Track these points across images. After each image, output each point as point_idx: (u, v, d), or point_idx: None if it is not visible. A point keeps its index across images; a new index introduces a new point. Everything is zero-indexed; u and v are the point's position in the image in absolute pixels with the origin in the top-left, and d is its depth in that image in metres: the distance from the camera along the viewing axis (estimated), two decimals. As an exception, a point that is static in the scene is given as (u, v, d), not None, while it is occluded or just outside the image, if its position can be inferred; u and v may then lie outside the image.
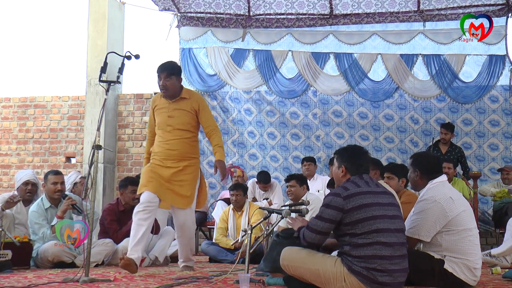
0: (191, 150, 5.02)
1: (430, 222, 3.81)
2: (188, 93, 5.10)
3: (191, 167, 4.98)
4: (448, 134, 8.17)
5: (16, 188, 6.21)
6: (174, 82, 4.97)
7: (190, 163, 4.97)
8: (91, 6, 9.22)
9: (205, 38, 9.33)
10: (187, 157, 4.96)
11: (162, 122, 5.01)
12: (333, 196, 3.46)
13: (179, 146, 4.94)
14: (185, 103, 5.01)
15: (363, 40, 9.05)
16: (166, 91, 4.96)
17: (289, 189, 6.23)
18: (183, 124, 4.98)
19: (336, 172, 3.67)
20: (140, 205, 4.78)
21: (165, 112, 5.00)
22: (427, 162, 4.07)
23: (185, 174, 4.93)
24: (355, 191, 3.43)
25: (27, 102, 10.06)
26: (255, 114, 9.30)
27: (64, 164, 9.77)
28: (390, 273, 3.34)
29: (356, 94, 9.13)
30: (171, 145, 4.93)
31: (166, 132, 4.97)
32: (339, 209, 3.40)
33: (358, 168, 3.58)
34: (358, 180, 3.51)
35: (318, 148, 9.16)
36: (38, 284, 3.94)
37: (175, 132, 4.95)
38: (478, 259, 3.91)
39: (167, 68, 4.96)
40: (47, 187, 5.79)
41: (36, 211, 5.67)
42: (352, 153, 3.65)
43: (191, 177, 4.97)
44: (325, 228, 3.47)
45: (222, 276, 4.41)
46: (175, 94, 5.00)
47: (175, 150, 4.93)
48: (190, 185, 4.95)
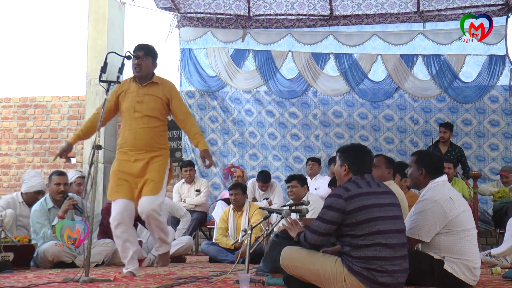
0: (160, 140, 4.66)
1: (430, 222, 3.80)
2: (159, 79, 4.75)
3: (160, 157, 4.61)
4: (447, 132, 8.17)
5: (25, 191, 6.18)
6: (149, 64, 4.66)
7: (158, 153, 4.62)
8: (91, 6, 9.22)
9: (205, 38, 9.34)
10: (155, 147, 4.61)
11: (129, 108, 4.65)
12: (335, 197, 3.45)
13: (147, 135, 4.59)
14: (157, 88, 4.68)
15: (363, 42, 9.06)
16: (139, 71, 4.62)
17: (291, 190, 6.23)
18: (152, 110, 4.62)
19: (339, 170, 3.65)
20: (114, 219, 4.50)
21: (134, 97, 4.65)
22: (432, 161, 4.05)
23: (153, 163, 4.56)
24: (356, 192, 3.43)
25: (27, 102, 10.07)
26: (256, 114, 9.31)
27: (64, 164, 9.76)
28: (390, 274, 3.34)
29: (356, 94, 9.14)
30: (138, 134, 4.59)
31: (133, 120, 4.62)
32: (340, 210, 3.40)
33: (360, 168, 3.57)
34: (359, 181, 3.50)
35: (318, 148, 9.16)
36: (38, 284, 3.94)
37: (144, 119, 4.60)
38: (477, 259, 3.91)
39: (144, 47, 4.67)
40: (50, 187, 5.80)
41: (39, 210, 5.67)
42: (355, 152, 3.64)
43: (159, 165, 4.58)
44: (327, 230, 3.46)
45: (222, 276, 4.41)
46: (147, 77, 4.68)
47: (142, 140, 4.58)
48: (158, 171, 4.55)
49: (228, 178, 8.95)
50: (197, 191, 8.33)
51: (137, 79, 4.70)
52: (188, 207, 8.02)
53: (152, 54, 4.70)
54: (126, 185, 4.54)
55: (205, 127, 9.28)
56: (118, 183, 4.55)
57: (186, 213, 7.40)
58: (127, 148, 4.62)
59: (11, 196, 6.24)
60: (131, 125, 4.63)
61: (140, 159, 4.57)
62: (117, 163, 4.64)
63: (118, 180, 4.57)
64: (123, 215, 4.50)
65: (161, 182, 4.56)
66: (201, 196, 8.29)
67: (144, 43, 4.73)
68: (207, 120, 9.31)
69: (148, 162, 4.57)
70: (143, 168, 4.55)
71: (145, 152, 4.58)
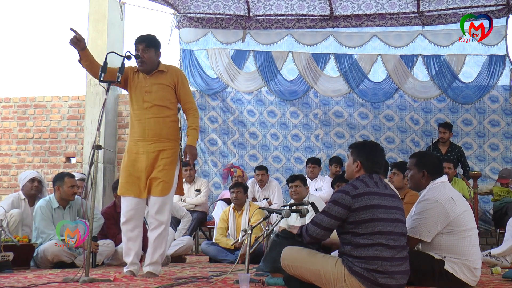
0: (170, 131, 4.58)
1: (431, 222, 3.80)
2: (166, 66, 4.67)
3: (169, 150, 4.54)
4: (446, 133, 8.17)
5: (21, 186, 6.21)
6: (152, 55, 4.58)
7: (167, 146, 4.54)
8: (91, 6, 9.21)
9: (206, 39, 9.33)
10: (165, 138, 4.54)
11: (138, 99, 4.58)
12: (342, 193, 3.45)
13: (156, 125, 4.52)
14: (164, 76, 4.62)
15: (363, 43, 9.05)
16: (143, 64, 4.57)
17: (294, 189, 6.21)
18: (161, 99, 4.56)
19: (350, 166, 3.63)
20: (123, 215, 4.53)
21: (142, 87, 4.59)
22: (433, 162, 4.05)
23: (162, 159, 4.50)
24: (364, 191, 3.43)
25: (27, 102, 10.06)
26: (258, 115, 9.31)
27: (64, 164, 9.77)
28: (391, 275, 3.34)
29: (356, 95, 9.13)
30: (148, 124, 4.52)
31: (142, 110, 4.55)
32: (346, 207, 3.40)
33: (373, 166, 3.56)
34: (367, 180, 3.50)
35: (318, 149, 9.15)
36: (38, 284, 3.94)
37: (153, 109, 4.53)
38: (478, 259, 3.91)
39: (145, 39, 4.58)
40: (62, 189, 5.77)
41: (45, 206, 5.66)
42: (369, 149, 3.62)
43: (169, 161, 4.52)
44: (330, 224, 3.46)
45: (222, 276, 4.41)
46: (152, 68, 4.60)
47: (152, 130, 4.52)
48: (168, 170, 4.51)
49: (228, 178, 8.95)
50: (197, 191, 8.33)
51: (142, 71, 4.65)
52: (188, 206, 8.02)
53: (154, 44, 4.63)
54: (137, 183, 4.51)
55: (205, 127, 9.28)
56: (128, 180, 4.53)
57: (187, 214, 7.41)
58: (137, 139, 4.57)
59: (14, 195, 6.23)
60: (140, 116, 4.57)
61: (149, 151, 4.51)
62: (127, 157, 4.59)
63: (128, 176, 4.54)
64: (132, 213, 4.51)
65: (171, 183, 4.53)
66: (201, 196, 8.30)
67: (144, 34, 4.64)
68: (207, 121, 9.31)
69: (157, 156, 4.51)
70: (152, 162, 4.50)
71: (154, 142, 4.52)
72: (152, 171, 4.50)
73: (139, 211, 4.55)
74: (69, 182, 5.78)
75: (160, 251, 4.54)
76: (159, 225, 4.51)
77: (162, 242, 4.53)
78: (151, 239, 4.54)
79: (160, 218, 4.50)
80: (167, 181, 4.49)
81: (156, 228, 4.52)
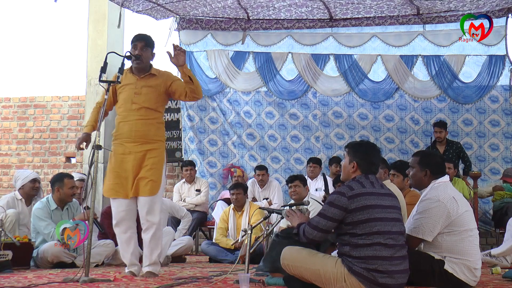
0: (156, 132, 4.59)
1: (433, 221, 3.80)
2: (157, 71, 4.70)
3: (156, 150, 4.54)
4: (442, 132, 8.15)
5: (20, 185, 6.20)
6: (149, 55, 4.63)
7: (154, 146, 4.54)
8: (91, 6, 9.21)
9: (205, 41, 9.32)
10: (151, 139, 4.54)
11: (126, 100, 4.59)
12: (338, 195, 3.45)
13: (143, 127, 4.52)
14: (155, 80, 4.63)
15: (363, 43, 9.03)
16: (140, 61, 4.57)
17: (294, 189, 6.22)
18: (150, 102, 4.56)
19: (347, 167, 3.63)
20: (114, 217, 4.55)
21: (132, 88, 4.59)
22: (436, 162, 4.04)
23: (149, 158, 4.49)
24: (359, 191, 3.43)
25: (27, 102, 10.06)
26: (255, 116, 9.30)
27: (64, 164, 9.78)
28: (390, 274, 3.34)
29: (356, 95, 9.13)
30: (134, 125, 4.52)
31: (130, 111, 4.55)
32: (342, 208, 3.40)
33: (370, 166, 3.56)
34: (363, 180, 3.50)
35: (318, 149, 9.15)
36: (38, 284, 3.94)
37: (141, 111, 4.54)
38: (478, 260, 3.91)
39: (144, 37, 4.63)
40: (62, 191, 5.76)
41: (42, 208, 5.66)
42: (366, 150, 3.62)
43: (156, 161, 4.51)
44: (327, 226, 3.46)
45: (222, 276, 4.41)
46: (145, 68, 4.64)
47: (139, 131, 4.51)
48: (155, 170, 4.49)
49: (228, 178, 8.95)
50: (197, 191, 8.34)
51: (135, 70, 4.66)
52: (188, 206, 8.02)
53: (151, 45, 4.68)
54: (125, 183, 4.51)
55: (206, 128, 9.28)
56: (117, 181, 4.52)
57: (187, 214, 7.40)
58: (123, 140, 4.56)
59: (10, 196, 6.22)
60: (128, 117, 4.57)
61: (136, 151, 4.51)
62: (114, 159, 4.59)
63: (117, 177, 4.53)
64: (123, 214, 4.52)
65: (159, 182, 4.51)
66: (201, 196, 8.30)
67: (142, 33, 4.68)
68: (207, 121, 9.31)
69: (144, 156, 4.51)
70: (137, 162, 4.49)
71: (141, 144, 4.52)
72: (139, 171, 4.49)
73: (130, 212, 4.54)
74: (69, 184, 5.78)
75: (157, 252, 4.53)
76: (150, 226, 4.49)
77: (157, 242, 4.53)
78: (145, 241, 4.52)
79: (152, 219, 4.48)
80: (155, 180, 4.48)
81: (149, 229, 4.50)
